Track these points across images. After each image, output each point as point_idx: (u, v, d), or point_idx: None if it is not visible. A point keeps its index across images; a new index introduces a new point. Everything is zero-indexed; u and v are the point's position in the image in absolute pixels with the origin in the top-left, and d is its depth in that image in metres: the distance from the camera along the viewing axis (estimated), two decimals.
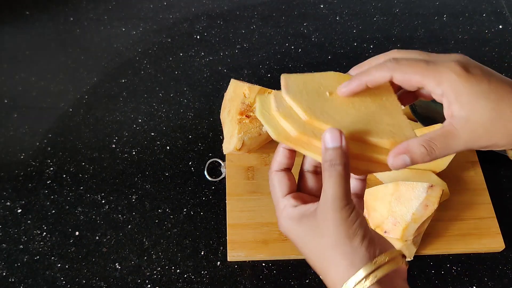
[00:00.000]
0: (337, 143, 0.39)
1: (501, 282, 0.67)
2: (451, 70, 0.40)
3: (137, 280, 0.65)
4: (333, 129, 0.40)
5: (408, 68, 0.42)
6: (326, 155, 0.40)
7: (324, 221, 0.40)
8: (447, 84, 0.40)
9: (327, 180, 0.40)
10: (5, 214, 0.69)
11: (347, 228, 0.39)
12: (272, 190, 0.45)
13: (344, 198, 0.39)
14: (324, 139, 0.40)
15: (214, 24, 0.92)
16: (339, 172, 0.39)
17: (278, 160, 0.45)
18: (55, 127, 0.77)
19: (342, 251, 0.39)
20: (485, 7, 0.98)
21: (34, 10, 0.91)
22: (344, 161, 0.39)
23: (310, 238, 0.41)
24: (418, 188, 0.64)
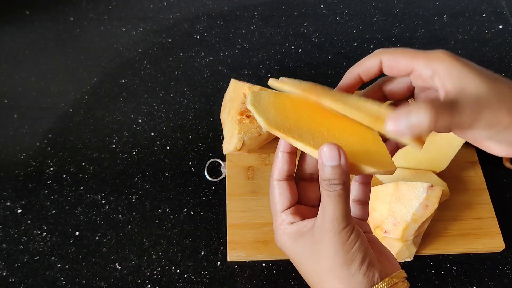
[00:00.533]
0: (335, 161, 0.36)
1: (501, 282, 0.67)
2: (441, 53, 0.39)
3: (137, 280, 0.65)
4: (331, 145, 0.36)
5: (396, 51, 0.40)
6: (324, 173, 0.37)
7: (321, 242, 0.38)
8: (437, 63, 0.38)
9: (326, 200, 0.38)
10: (5, 214, 0.69)
11: (345, 252, 0.38)
12: (272, 200, 0.43)
13: (343, 220, 0.37)
14: (321, 155, 0.37)
15: (214, 24, 0.92)
16: (338, 193, 0.37)
17: (279, 166, 0.42)
18: (55, 127, 0.77)
19: (338, 277, 0.38)
20: (485, 7, 0.98)
21: (34, 10, 0.91)
22: (344, 180, 0.37)
23: (306, 258, 0.40)
24: (418, 188, 0.64)
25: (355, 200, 0.44)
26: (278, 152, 0.42)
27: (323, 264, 0.39)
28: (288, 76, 0.90)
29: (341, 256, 0.38)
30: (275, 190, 0.42)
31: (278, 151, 0.42)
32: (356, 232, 0.38)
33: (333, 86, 0.48)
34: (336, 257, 0.38)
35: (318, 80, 0.88)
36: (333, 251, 0.38)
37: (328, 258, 0.38)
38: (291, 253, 0.42)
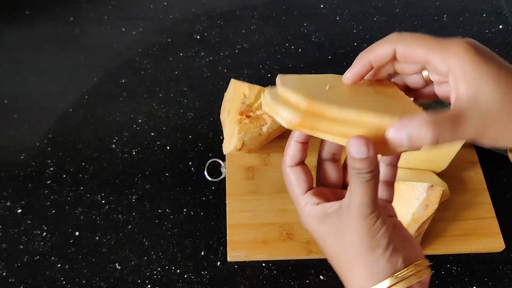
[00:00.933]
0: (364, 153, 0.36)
1: (501, 282, 0.67)
2: (459, 45, 0.37)
3: (137, 280, 0.65)
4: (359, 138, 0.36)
5: (412, 40, 0.39)
6: (353, 163, 0.36)
7: (347, 226, 0.38)
8: (454, 60, 0.37)
9: (354, 185, 0.37)
10: (5, 214, 0.69)
11: (370, 238, 0.38)
12: (289, 187, 0.42)
13: (370, 206, 0.37)
14: (350, 149, 0.36)
15: (214, 24, 0.92)
16: (366, 179, 0.36)
17: (291, 153, 0.42)
18: (55, 127, 0.77)
19: (362, 261, 0.38)
20: (485, 7, 0.98)
21: (34, 10, 0.91)
22: (372, 169, 0.36)
23: (331, 240, 0.40)
24: (418, 188, 0.64)
25: (382, 181, 0.43)
26: (290, 141, 0.42)
27: (348, 248, 0.39)
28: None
29: (366, 241, 0.38)
30: (290, 176, 0.42)
31: (290, 140, 0.42)
32: (383, 218, 0.38)
33: None
34: (360, 242, 0.38)
35: None
36: (358, 236, 0.38)
37: (353, 243, 0.38)
38: (317, 234, 0.41)
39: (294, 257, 0.67)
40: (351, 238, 0.38)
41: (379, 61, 0.40)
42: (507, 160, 0.77)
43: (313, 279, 0.66)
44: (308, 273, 0.66)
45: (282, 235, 0.68)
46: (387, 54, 0.40)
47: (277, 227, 0.68)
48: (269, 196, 0.71)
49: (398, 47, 0.39)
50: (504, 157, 0.77)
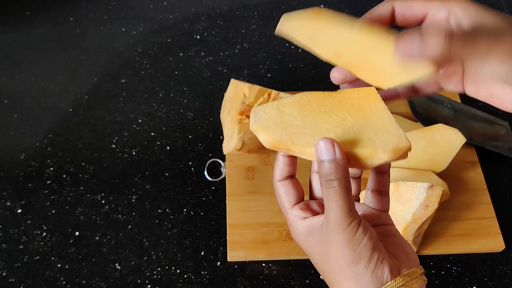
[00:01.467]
0: (331, 154, 0.36)
1: (501, 282, 0.67)
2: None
3: (137, 280, 0.65)
4: (326, 139, 0.36)
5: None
6: (321, 168, 0.37)
7: (329, 242, 0.38)
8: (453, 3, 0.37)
9: (326, 199, 0.37)
10: (5, 214, 0.69)
11: (352, 250, 0.37)
12: (279, 200, 0.43)
13: (345, 218, 0.37)
14: (317, 150, 0.37)
15: (214, 24, 0.92)
16: (335, 190, 0.36)
17: (280, 168, 0.42)
18: (55, 127, 0.77)
19: (347, 276, 0.38)
20: None
21: (34, 10, 0.91)
22: (340, 175, 0.36)
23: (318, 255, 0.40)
24: (418, 188, 0.64)
25: (372, 190, 0.43)
26: (279, 155, 0.42)
27: (333, 263, 0.38)
28: (288, 75, 0.91)
29: (348, 255, 0.37)
30: (279, 189, 0.42)
31: (279, 154, 0.42)
32: (363, 227, 0.37)
33: (333, 86, 0.48)
34: (343, 256, 0.37)
35: (318, 81, 0.89)
36: (340, 251, 0.37)
37: (336, 258, 0.38)
38: (305, 248, 0.42)
39: (294, 257, 0.67)
40: (334, 254, 0.38)
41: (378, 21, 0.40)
42: (507, 160, 0.77)
43: (313, 279, 0.66)
44: (308, 273, 0.66)
45: (282, 235, 0.68)
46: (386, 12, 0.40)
47: (277, 227, 0.68)
48: (269, 196, 0.71)
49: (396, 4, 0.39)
50: (504, 157, 0.77)
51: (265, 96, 0.72)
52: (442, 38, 0.33)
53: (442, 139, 0.70)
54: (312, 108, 0.41)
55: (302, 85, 0.84)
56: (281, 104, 0.42)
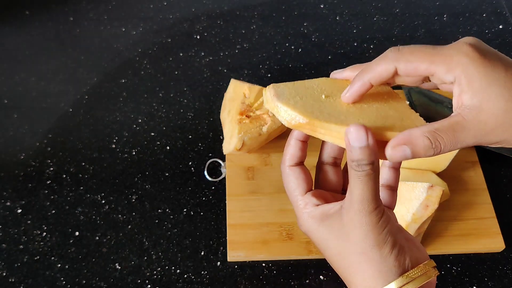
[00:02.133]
0: (363, 141, 0.35)
1: (501, 282, 0.67)
2: (463, 53, 0.37)
3: (137, 280, 0.65)
4: (358, 126, 0.36)
5: (412, 56, 0.38)
6: (352, 154, 0.36)
7: (350, 224, 0.37)
8: (459, 69, 0.36)
9: (355, 181, 0.36)
10: (5, 214, 0.69)
11: (376, 234, 0.36)
12: (288, 187, 0.42)
13: (373, 201, 0.36)
14: (349, 137, 0.36)
15: (214, 24, 0.92)
16: (367, 173, 0.36)
17: (291, 152, 0.41)
18: (55, 127, 0.77)
19: (369, 259, 0.37)
20: (485, 7, 0.98)
21: (34, 10, 0.91)
22: (372, 160, 0.36)
23: (334, 241, 0.39)
24: (418, 188, 0.64)
25: (384, 185, 0.42)
26: (291, 140, 0.41)
27: (353, 246, 0.37)
28: (288, 75, 0.91)
29: (372, 238, 0.36)
30: (290, 175, 0.41)
31: (291, 138, 0.41)
32: (387, 215, 0.37)
33: None
34: (367, 239, 0.37)
35: None
36: (363, 233, 0.37)
37: (359, 240, 0.37)
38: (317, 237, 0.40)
39: (294, 257, 0.67)
40: (355, 236, 0.37)
41: (379, 80, 0.39)
42: (507, 160, 0.77)
43: (313, 279, 0.66)
44: (308, 273, 0.66)
45: (282, 235, 0.68)
46: (388, 72, 0.39)
47: (277, 227, 0.68)
48: (269, 196, 0.71)
49: (400, 65, 0.38)
50: (504, 157, 0.77)
51: None
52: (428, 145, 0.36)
53: None
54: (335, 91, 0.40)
55: None
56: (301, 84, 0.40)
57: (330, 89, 0.40)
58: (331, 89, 0.40)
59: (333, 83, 0.41)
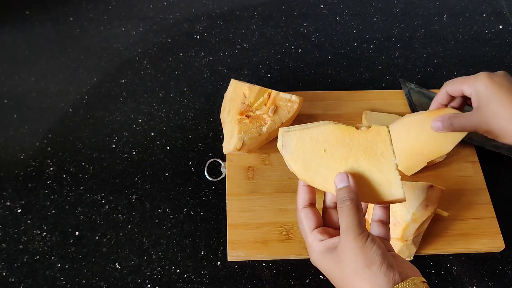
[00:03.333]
0: (344, 182, 0.47)
1: (501, 282, 0.67)
2: (479, 79, 0.61)
3: (137, 280, 0.65)
4: (341, 173, 0.47)
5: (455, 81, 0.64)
6: (338, 194, 0.47)
7: (343, 251, 0.45)
8: (473, 88, 0.61)
9: (340, 215, 0.46)
10: (5, 214, 0.69)
11: (364, 256, 0.44)
12: (300, 226, 0.50)
13: (356, 228, 0.45)
14: (335, 181, 0.47)
15: (214, 24, 0.92)
16: (348, 206, 0.46)
17: (302, 197, 0.50)
18: (55, 127, 0.77)
19: (362, 278, 0.43)
20: (485, 7, 0.98)
21: (34, 10, 0.91)
22: (352, 196, 0.46)
23: (335, 268, 0.46)
24: (418, 188, 0.64)
25: (377, 220, 0.51)
26: (299, 186, 0.51)
27: (348, 269, 0.44)
28: (288, 75, 0.91)
29: (362, 259, 0.44)
30: (301, 215, 0.50)
31: (299, 184, 0.51)
32: (372, 237, 0.45)
33: (332, 86, 0.49)
34: (357, 261, 0.44)
35: (318, 81, 0.89)
36: (354, 255, 0.44)
37: (351, 263, 0.44)
38: (323, 267, 0.48)
39: (294, 257, 0.67)
40: (347, 260, 0.44)
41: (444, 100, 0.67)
42: (507, 160, 0.77)
43: (313, 279, 0.66)
44: (308, 273, 0.66)
45: (282, 235, 0.68)
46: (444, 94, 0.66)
47: (277, 227, 0.68)
48: (269, 196, 0.71)
49: (448, 87, 0.65)
50: (504, 157, 0.77)
51: (265, 96, 0.72)
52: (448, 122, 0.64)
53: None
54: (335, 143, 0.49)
55: (302, 85, 0.84)
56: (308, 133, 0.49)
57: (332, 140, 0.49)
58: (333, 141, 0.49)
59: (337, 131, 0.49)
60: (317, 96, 0.80)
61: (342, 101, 0.79)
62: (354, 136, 0.49)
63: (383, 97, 0.81)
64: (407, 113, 0.79)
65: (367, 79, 0.85)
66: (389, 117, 0.78)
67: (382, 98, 0.81)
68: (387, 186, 0.48)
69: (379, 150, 0.48)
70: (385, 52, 0.89)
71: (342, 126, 0.49)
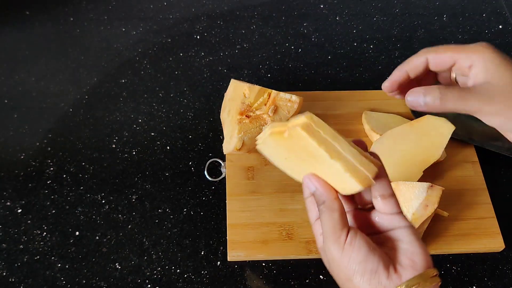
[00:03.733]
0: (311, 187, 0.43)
1: (501, 282, 0.67)
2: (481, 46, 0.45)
3: (137, 280, 0.65)
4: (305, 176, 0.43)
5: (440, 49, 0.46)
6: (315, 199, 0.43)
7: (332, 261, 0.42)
8: (477, 55, 0.44)
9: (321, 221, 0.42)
10: (5, 214, 0.69)
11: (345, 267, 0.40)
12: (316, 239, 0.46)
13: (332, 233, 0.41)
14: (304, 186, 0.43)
15: (214, 24, 0.92)
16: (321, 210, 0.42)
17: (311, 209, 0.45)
18: (55, 127, 0.77)
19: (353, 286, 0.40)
20: (485, 7, 0.98)
21: (34, 10, 0.91)
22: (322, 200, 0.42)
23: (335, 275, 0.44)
24: (418, 188, 0.64)
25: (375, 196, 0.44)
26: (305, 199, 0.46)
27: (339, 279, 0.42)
28: (287, 76, 0.91)
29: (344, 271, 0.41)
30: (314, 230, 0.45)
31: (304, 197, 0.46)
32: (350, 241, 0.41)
33: (332, 86, 0.49)
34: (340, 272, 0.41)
35: (317, 81, 0.89)
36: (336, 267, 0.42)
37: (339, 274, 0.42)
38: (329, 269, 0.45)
39: (294, 257, 0.67)
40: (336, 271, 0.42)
41: (414, 70, 0.47)
42: (507, 160, 0.77)
43: (313, 279, 0.66)
44: (308, 272, 0.66)
45: (282, 235, 0.68)
46: (421, 63, 0.47)
47: (277, 227, 0.68)
48: (269, 196, 0.71)
49: (429, 56, 0.46)
50: (504, 156, 0.77)
51: (265, 96, 0.72)
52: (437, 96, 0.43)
53: (432, 130, 0.71)
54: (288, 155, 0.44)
55: (302, 85, 0.84)
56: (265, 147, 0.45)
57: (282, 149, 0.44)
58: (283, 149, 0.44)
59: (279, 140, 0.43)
60: (317, 96, 0.80)
61: (342, 101, 0.79)
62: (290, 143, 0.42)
63: (383, 97, 0.81)
64: (407, 112, 0.79)
65: (367, 79, 0.85)
66: (389, 117, 0.78)
67: (382, 98, 0.81)
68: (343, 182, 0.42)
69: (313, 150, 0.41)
70: (385, 52, 0.89)
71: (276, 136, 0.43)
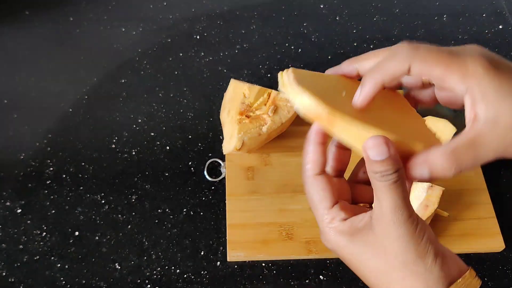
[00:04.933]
0: (385, 153, 0.33)
1: (501, 282, 0.67)
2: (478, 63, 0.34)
3: (137, 280, 0.65)
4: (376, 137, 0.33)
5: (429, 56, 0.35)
6: (374, 167, 0.34)
7: (385, 237, 0.35)
8: (473, 79, 0.34)
9: (381, 191, 0.34)
10: (5, 214, 0.69)
11: (416, 245, 0.34)
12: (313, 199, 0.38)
13: (405, 209, 0.34)
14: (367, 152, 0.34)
15: (214, 24, 0.92)
16: (393, 181, 0.34)
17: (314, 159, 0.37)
18: (55, 127, 0.77)
19: (413, 272, 0.35)
20: (485, 7, 0.98)
21: (34, 10, 0.91)
22: (397, 168, 0.34)
23: (368, 257, 0.36)
24: (418, 188, 0.64)
25: None
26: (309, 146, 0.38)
27: (393, 261, 0.35)
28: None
29: (413, 249, 0.34)
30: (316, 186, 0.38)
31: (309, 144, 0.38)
32: (422, 222, 0.35)
33: None
34: (407, 252, 0.34)
35: None
36: (402, 245, 0.34)
37: (399, 254, 0.35)
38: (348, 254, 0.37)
39: (294, 257, 0.67)
40: (393, 250, 0.35)
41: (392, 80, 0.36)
42: (507, 160, 0.77)
43: (313, 279, 0.66)
44: (308, 273, 0.66)
45: (282, 235, 0.68)
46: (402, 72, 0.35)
47: (277, 227, 0.68)
48: (269, 196, 0.71)
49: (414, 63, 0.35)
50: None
51: (265, 96, 0.72)
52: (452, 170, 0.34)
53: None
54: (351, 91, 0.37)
55: None
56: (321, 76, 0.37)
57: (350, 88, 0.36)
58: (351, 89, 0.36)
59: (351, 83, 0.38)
60: None
61: None
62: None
63: None
64: None
65: None
66: None
67: None
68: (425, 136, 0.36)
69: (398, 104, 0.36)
70: None
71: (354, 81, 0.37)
